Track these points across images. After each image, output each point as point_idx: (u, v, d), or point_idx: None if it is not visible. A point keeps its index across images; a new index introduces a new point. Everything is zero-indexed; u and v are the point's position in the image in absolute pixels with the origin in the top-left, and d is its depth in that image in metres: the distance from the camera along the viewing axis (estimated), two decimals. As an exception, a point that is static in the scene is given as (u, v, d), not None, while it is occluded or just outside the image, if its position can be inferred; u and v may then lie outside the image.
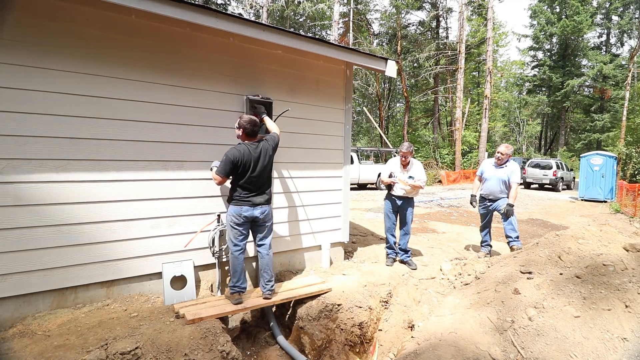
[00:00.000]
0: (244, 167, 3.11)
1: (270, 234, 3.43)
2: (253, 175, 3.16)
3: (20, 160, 2.71)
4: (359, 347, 3.69)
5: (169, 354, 2.54)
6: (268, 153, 3.27)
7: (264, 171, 3.23)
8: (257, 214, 3.23)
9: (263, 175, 3.24)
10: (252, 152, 3.16)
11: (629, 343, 2.34)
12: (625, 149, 17.90)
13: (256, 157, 3.17)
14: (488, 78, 22.13)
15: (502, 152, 4.94)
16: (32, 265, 2.80)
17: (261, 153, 3.21)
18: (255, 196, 3.21)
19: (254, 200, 3.21)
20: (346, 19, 24.75)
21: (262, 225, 3.33)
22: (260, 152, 3.21)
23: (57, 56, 2.78)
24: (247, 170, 3.13)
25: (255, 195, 3.21)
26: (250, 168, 3.14)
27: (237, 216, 3.17)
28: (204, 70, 3.48)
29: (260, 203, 3.23)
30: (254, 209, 3.21)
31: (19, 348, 2.45)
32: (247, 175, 3.13)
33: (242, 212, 3.17)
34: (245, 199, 3.18)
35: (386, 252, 4.84)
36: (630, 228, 7.94)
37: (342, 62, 4.40)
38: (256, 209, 3.22)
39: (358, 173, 15.30)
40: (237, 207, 3.18)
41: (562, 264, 3.24)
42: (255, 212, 3.22)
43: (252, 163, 3.14)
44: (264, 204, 3.27)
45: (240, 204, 3.17)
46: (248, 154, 3.13)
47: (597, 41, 37.03)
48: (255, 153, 3.17)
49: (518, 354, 2.50)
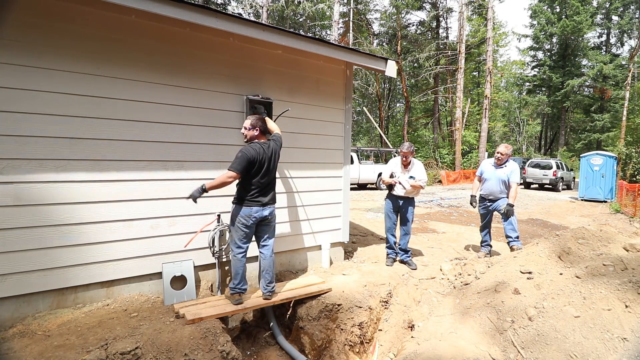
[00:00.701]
0: (259, 166, 3.11)
1: (274, 234, 3.43)
2: (265, 174, 3.17)
3: (20, 160, 2.71)
4: (359, 347, 3.69)
5: (169, 354, 2.54)
6: (277, 152, 3.30)
7: (273, 171, 3.26)
8: (266, 213, 3.23)
9: (272, 175, 3.27)
10: (265, 152, 3.17)
11: (629, 343, 2.34)
12: (625, 149, 17.89)
13: (269, 156, 3.18)
14: (488, 78, 22.14)
15: (501, 152, 4.94)
16: (32, 265, 2.80)
17: (272, 153, 3.23)
18: (264, 196, 3.21)
19: (263, 200, 3.20)
20: (346, 19, 24.75)
21: (268, 225, 3.33)
22: (272, 152, 3.23)
23: (57, 56, 2.78)
24: (261, 170, 3.13)
25: (264, 195, 3.21)
26: (265, 167, 3.15)
27: (247, 217, 3.14)
28: (204, 70, 3.48)
29: (267, 203, 3.24)
30: (264, 209, 3.21)
31: (19, 348, 2.45)
32: (260, 174, 3.13)
33: (253, 212, 3.15)
34: (255, 200, 3.16)
35: (386, 252, 4.84)
36: (630, 228, 7.94)
37: (342, 62, 4.40)
38: (265, 209, 3.22)
39: (358, 173, 15.31)
40: (247, 209, 3.15)
41: (562, 264, 3.24)
42: (265, 212, 3.22)
43: (265, 162, 3.15)
44: (271, 203, 3.28)
45: (251, 204, 3.15)
46: (263, 153, 3.14)
47: (597, 41, 37.06)
48: (268, 152, 3.19)
49: (518, 354, 2.50)
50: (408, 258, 4.74)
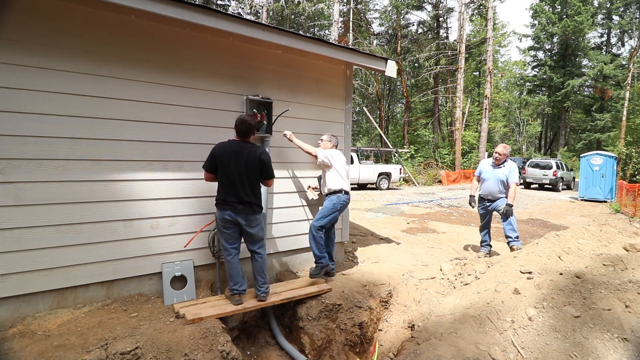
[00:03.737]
0: (221, 162, 3.00)
1: (261, 237, 3.28)
2: (231, 173, 3.01)
3: (20, 160, 2.71)
4: (359, 347, 3.69)
5: (169, 354, 2.54)
6: (256, 158, 3.08)
7: (246, 174, 3.05)
8: (240, 219, 3.08)
9: (244, 178, 3.04)
10: (232, 148, 3.04)
11: (629, 343, 2.34)
12: (625, 149, 17.90)
13: (237, 153, 3.02)
14: (488, 78, 22.15)
15: (499, 152, 4.93)
16: (32, 265, 2.80)
17: (247, 154, 3.05)
18: (238, 203, 3.05)
19: (237, 206, 3.05)
20: (346, 18, 24.74)
21: (247, 229, 3.15)
22: (247, 152, 3.05)
23: (57, 56, 2.78)
24: (224, 166, 3.00)
25: (238, 202, 3.05)
26: (229, 164, 3.00)
27: (220, 220, 3.11)
28: (204, 70, 3.48)
29: (242, 210, 3.06)
30: (237, 215, 3.06)
31: (19, 348, 2.45)
32: (225, 173, 3.01)
33: (224, 215, 3.06)
34: (226, 203, 3.04)
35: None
36: (630, 228, 7.94)
37: (342, 62, 4.39)
38: (239, 215, 3.06)
39: (358, 173, 15.31)
40: (219, 212, 3.10)
41: (562, 264, 3.24)
42: (239, 217, 3.07)
43: (229, 159, 3.00)
44: (248, 212, 3.09)
45: (222, 207, 3.07)
46: (228, 149, 3.03)
47: (598, 41, 37.05)
48: (238, 150, 3.03)
49: (518, 354, 2.50)
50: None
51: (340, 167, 3.94)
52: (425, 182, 20.25)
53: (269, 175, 3.22)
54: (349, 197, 4.02)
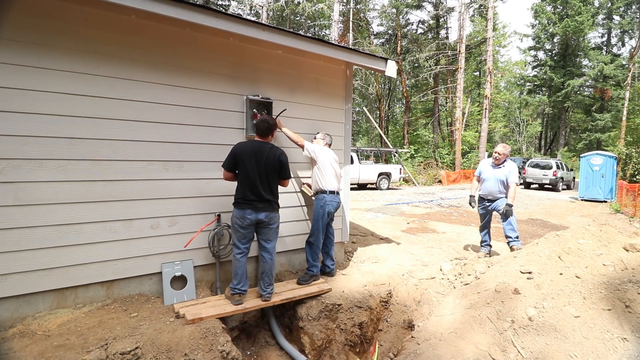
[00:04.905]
0: (241, 161, 3.07)
1: (275, 237, 3.37)
2: (252, 172, 3.09)
3: (20, 160, 2.71)
4: (359, 347, 3.69)
5: (169, 354, 2.54)
6: (276, 158, 3.18)
7: (266, 173, 3.14)
8: (261, 217, 3.18)
9: (264, 177, 3.15)
10: (253, 148, 3.11)
11: (629, 343, 2.34)
12: (625, 149, 17.90)
13: (258, 153, 3.10)
14: (488, 78, 22.14)
15: (499, 152, 4.93)
16: (32, 265, 2.80)
17: (267, 154, 3.14)
18: (258, 201, 3.14)
19: (257, 205, 3.14)
20: (346, 18, 24.73)
21: (266, 227, 3.26)
22: (267, 152, 3.14)
23: (57, 56, 2.78)
24: (245, 165, 3.07)
25: (258, 201, 3.14)
26: (250, 164, 3.07)
27: (239, 218, 3.14)
28: (204, 70, 3.48)
29: (263, 208, 3.16)
30: (258, 213, 3.15)
31: (19, 348, 2.45)
32: (246, 172, 3.09)
33: (245, 214, 3.13)
34: (247, 202, 3.12)
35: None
36: (630, 228, 7.94)
37: (342, 62, 4.40)
38: (260, 213, 3.16)
39: (358, 173, 15.32)
40: (238, 210, 3.14)
41: (562, 264, 3.24)
42: (260, 215, 3.16)
43: (250, 159, 3.07)
44: (268, 210, 3.20)
45: (242, 206, 3.13)
46: (249, 149, 3.10)
47: (598, 41, 37.06)
48: (259, 150, 3.12)
49: (518, 354, 2.50)
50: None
51: (326, 165, 3.91)
52: (425, 182, 20.25)
53: (286, 175, 3.35)
54: (335, 197, 3.93)
